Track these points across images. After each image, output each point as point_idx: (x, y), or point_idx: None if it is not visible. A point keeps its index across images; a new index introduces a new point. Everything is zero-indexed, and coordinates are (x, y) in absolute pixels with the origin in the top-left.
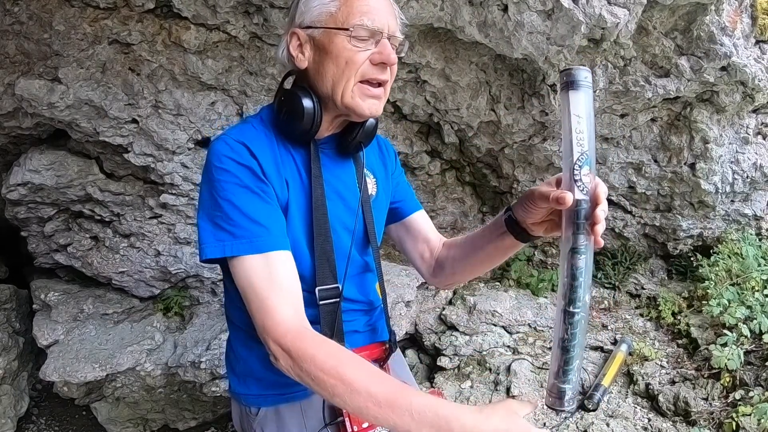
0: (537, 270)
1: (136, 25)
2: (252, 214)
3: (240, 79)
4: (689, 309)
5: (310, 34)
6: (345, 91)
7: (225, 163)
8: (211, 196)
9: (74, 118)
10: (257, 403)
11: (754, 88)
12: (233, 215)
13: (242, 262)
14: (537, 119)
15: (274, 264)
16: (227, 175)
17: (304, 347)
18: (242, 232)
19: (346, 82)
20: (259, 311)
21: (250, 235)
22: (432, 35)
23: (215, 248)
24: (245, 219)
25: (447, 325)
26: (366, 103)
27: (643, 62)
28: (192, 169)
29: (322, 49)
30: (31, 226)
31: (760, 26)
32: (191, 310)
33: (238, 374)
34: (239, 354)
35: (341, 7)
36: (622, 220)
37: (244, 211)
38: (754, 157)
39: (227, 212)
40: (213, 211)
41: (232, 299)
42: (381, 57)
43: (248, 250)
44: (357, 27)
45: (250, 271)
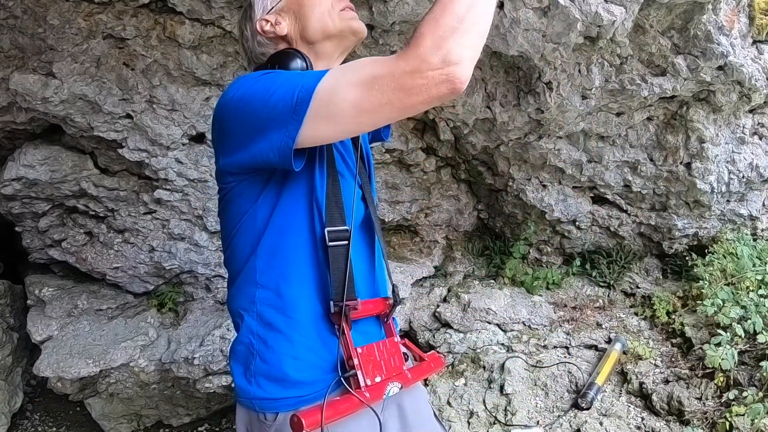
0: (532, 268)
1: (130, 20)
2: (294, 72)
3: (235, 75)
4: (684, 308)
5: (276, 10)
6: (333, 19)
7: (241, 80)
8: (251, 98)
9: (68, 113)
10: (274, 407)
11: (750, 88)
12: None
13: (327, 85)
14: (533, 117)
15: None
16: (251, 78)
17: (427, 36)
18: (300, 78)
19: (330, 13)
20: (389, 65)
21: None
22: None
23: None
24: (293, 76)
25: (441, 323)
26: (356, 23)
27: (640, 61)
28: (186, 165)
29: (296, 7)
30: (26, 221)
31: (757, 26)
32: (185, 306)
33: (252, 374)
34: (258, 350)
35: None
36: (618, 218)
37: (288, 75)
38: (750, 157)
39: (277, 83)
40: (267, 96)
41: (251, 272)
42: None
43: (317, 78)
44: None
45: (343, 76)
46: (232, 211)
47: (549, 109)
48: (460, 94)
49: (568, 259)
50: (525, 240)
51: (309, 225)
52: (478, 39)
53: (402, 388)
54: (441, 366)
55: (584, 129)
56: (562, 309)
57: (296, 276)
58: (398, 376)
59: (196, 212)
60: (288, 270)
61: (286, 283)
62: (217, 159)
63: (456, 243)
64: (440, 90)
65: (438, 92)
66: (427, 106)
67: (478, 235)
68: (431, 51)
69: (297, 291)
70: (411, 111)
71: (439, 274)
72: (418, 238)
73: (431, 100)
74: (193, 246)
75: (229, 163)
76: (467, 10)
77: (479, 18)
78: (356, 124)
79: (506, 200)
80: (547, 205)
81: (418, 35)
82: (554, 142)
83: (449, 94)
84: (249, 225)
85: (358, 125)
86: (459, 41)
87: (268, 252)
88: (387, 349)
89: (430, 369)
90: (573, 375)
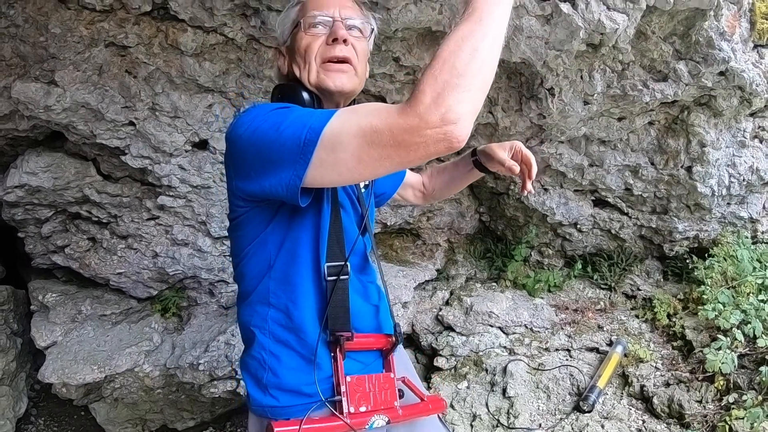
0: (534, 271)
1: (132, 27)
2: (303, 111)
3: (237, 82)
4: (684, 311)
5: (286, 45)
6: (311, 73)
7: (254, 110)
8: (262, 133)
9: (71, 121)
10: (285, 414)
11: (751, 92)
12: (291, 119)
13: (332, 130)
14: (534, 122)
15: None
16: (263, 111)
17: (427, 92)
18: (308, 118)
19: (309, 65)
20: (389, 120)
21: (319, 114)
22: (430, 38)
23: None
24: (302, 116)
25: (444, 326)
26: (330, 78)
27: (642, 66)
28: (189, 171)
29: (291, 49)
30: (29, 227)
31: (758, 31)
32: (189, 311)
33: (264, 386)
34: (268, 363)
35: (299, 12)
36: (619, 221)
37: (297, 113)
38: (751, 161)
39: (286, 121)
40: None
41: (264, 292)
42: (332, 35)
43: (324, 120)
44: (307, 17)
45: (347, 123)
46: (244, 234)
47: (551, 114)
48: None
49: (569, 261)
50: (526, 243)
51: (313, 257)
52: (478, 93)
53: (389, 422)
54: (441, 409)
55: (586, 134)
56: (564, 311)
57: (303, 302)
58: (387, 410)
59: (199, 218)
60: (296, 295)
61: (295, 307)
62: (230, 178)
63: (458, 246)
64: (438, 148)
65: (436, 149)
66: (426, 161)
67: (479, 237)
68: (430, 109)
69: (304, 315)
70: (409, 165)
71: (442, 277)
72: (420, 242)
73: (429, 156)
74: (197, 251)
75: (241, 188)
76: (466, 64)
77: (479, 72)
78: (358, 174)
79: (508, 203)
80: (548, 208)
81: (418, 91)
82: (556, 147)
83: (446, 151)
84: (261, 249)
85: (359, 175)
86: (458, 98)
87: (279, 276)
88: (380, 382)
89: (427, 410)
90: (575, 378)
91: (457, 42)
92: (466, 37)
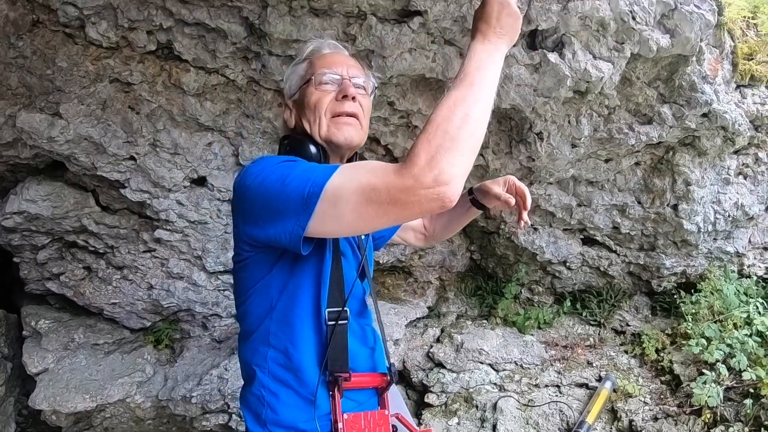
0: (524, 308)
1: (137, 65)
2: (307, 165)
3: (237, 122)
4: (672, 345)
5: (294, 99)
6: (321, 127)
7: (263, 162)
8: (270, 184)
9: (73, 153)
10: None
11: (734, 132)
12: (296, 174)
13: (334, 185)
14: (524, 164)
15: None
16: (272, 163)
17: (421, 155)
18: (312, 172)
19: (319, 120)
20: (387, 179)
21: (322, 169)
22: (424, 84)
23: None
24: (306, 170)
25: (434, 363)
26: (340, 132)
27: (627, 110)
28: (187, 207)
29: (300, 104)
30: (25, 252)
31: (740, 72)
32: (182, 343)
33: (264, 422)
34: (267, 400)
35: (308, 68)
36: (607, 259)
37: (302, 167)
38: (736, 197)
39: (291, 175)
40: (281, 187)
41: (265, 333)
42: (342, 92)
43: (327, 176)
44: (317, 75)
45: (348, 179)
46: (248, 276)
47: (540, 157)
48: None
49: (559, 298)
50: (517, 280)
51: (314, 302)
52: (469, 155)
53: None
54: None
55: (574, 175)
56: (554, 348)
57: (302, 344)
58: None
59: (195, 252)
60: (296, 337)
61: (294, 348)
62: (237, 224)
63: (449, 283)
64: (431, 206)
65: (429, 208)
66: (420, 217)
67: (471, 275)
68: (424, 171)
69: (303, 356)
70: (405, 221)
71: (433, 314)
72: (411, 279)
73: (423, 213)
74: (192, 285)
75: (247, 234)
76: (459, 128)
77: (471, 136)
78: (357, 228)
79: (498, 242)
80: (538, 247)
81: (413, 153)
82: (545, 188)
83: (439, 210)
84: (263, 291)
85: (358, 229)
86: (450, 161)
87: (280, 318)
88: (375, 419)
89: None
90: (564, 414)
91: (450, 107)
92: (459, 103)
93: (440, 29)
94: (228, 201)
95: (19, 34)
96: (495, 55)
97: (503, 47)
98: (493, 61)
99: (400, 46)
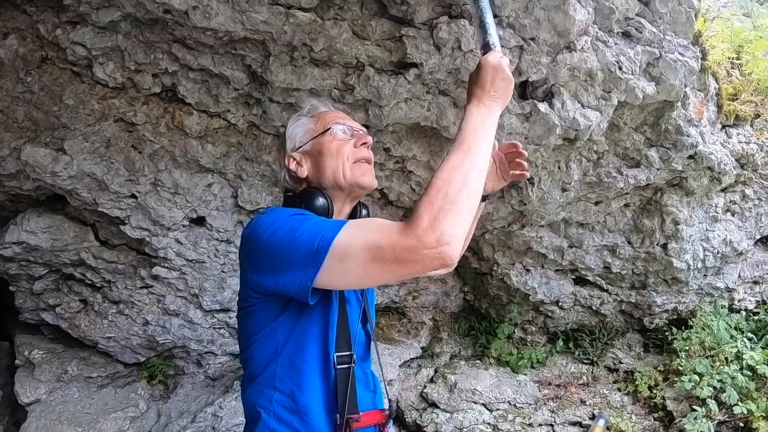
0: (517, 348)
1: (141, 106)
2: (317, 219)
3: (236, 164)
4: (665, 382)
5: (302, 151)
6: (345, 172)
7: (274, 214)
8: (281, 236)
9: (75, 188)
10: None
11: (720, 171)
12: (304, 229)
13: (342, 242)
14: (516, 208)
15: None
16: (283, 216)
17: (424, 217)
18: (322, 227)
19: (343, 166)
20: (392, 238)
21: (330, 225)
22: (419, 131)
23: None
24: (316, 224)
25: (428, 403)
26: (365, 176)
27: (615, 155)
28: (186, 246)
29: (317, 154)
30: (21, 282)
31: (725, 112)
32: (175, 380)
33: None
34: None
35: (317, 122)
36: (599, 298)
37: (312, 221)
38: (724, 234)
39: (298, 231)
40: (290, 244)
41: (270, 376)
42: (360, 140)
43: (335, 231)
44: (335, 126)
45: (355, 237)
46: (254, 321)
47: (531, 201)
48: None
49: (552, 337)
50: (510, 320)
51: (321, 347)
52: (468, 215)
53: None
54: None
55: (565, 218)
56: (547, 387)
57: (309, 387)
58: None
59: (192, 291)
60: (302, 381)
61: (300, 392)
62: (245, 271)
63: (443, 324)
64: (433, 264)
65: (431, 266)
66: (422, 274)
67: (464, 316)
68: (427, 232)
69: (309, 399)
70: (408, 277)
71: (426, 354)
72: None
73: (425, 270)
74: (187, 323)
75: (256, 282)
76: (458, 191)
77: (468, 198)
78: (363, 282)
79: (491, 283)
80: (530, 287)
81: (416, 215)
82: (536, 231)
83: (440, 268)
84: (270, 336)
85: (363, 284)
86: (451, 222)
87: (286, 363)
88: None
89: None
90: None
91: (450, 171)
92: (458, 166)
93: (435, 80)
94: (226, 241)
95: (27, 69)
96: (489, 119)
97: (497, 110)
98: (488, 125)
99: (397, 96)
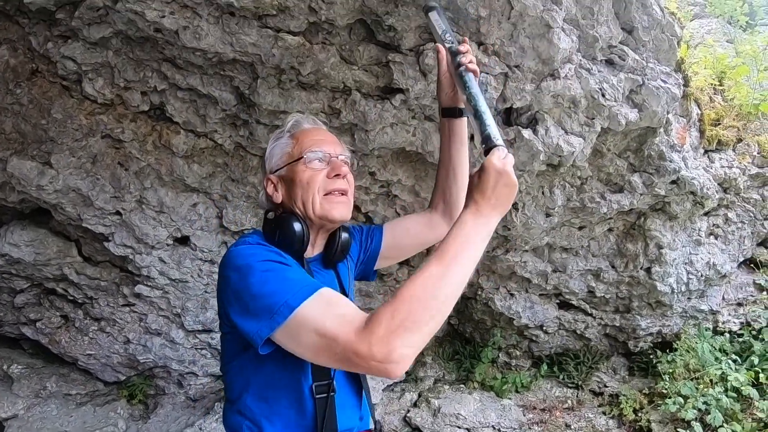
0: (501, 372)
1: (129, 123)
2: (289, 274)
3: (222, 185)
4: (650, 405)
5: (279, 174)
6: (314, 204)
7: (252, 250)
8: (249, 280)
9: (60, 202)
10: None
11: (703, 196)
12: (278, 279)
13: (300, 317)
14: (500, 233)
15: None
16: (258, 258)
17: (382, 325)
18: (290, 289)
19: (312, 198)
20: (348, 337)
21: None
22: (404, 156)
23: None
24: (285, 282)
25: (412, 427)
26: (335, 210)
27: (599, 180)
28: (169, 265)
29: (289, 181)
30: (2, 295)
31: (708, 137)
32: (155, 400)
33: None
34: None
35: (295, 146)
36: (583, 322)
37: (283, 276)
38: (707, 257)
39: (271, 279)
40: (259, 287)
41: (242, 405)
42: (334, 170)
43: (300, 300)
44: (308, 154)
45: (316, 317)
46: (229, 348)
47: (515, 226)
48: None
49: (536, 362)
50: (494, 345)
51: (294, 379)
52: (428, 335)
53: None
54: None
55: (549, 242)
56: (532, 411)
57: (279, 419)
58: None
59: (174, 310)
60: (272, 413)
61: (270, 424)
62: (219, 297)
63: (427, 348)
64: (377, 374)
65: (376, 373)
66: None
67: (448, 340)
68: (379, 344)
69: (278, 431)
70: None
71: (410, 378)
72: None
73: (371, 374)
74: (169, 342)
75: (225, 311)
76: (424, 309)
77: (432, 319)
78: (311, 361)
79: (476, 308)
80: (514, 312)
81: (375, 320)
82: (521, 255)
83: (383, 377)
84: (242, 365)
85: (312, 361)
86: (407, 341)
87: (256, 394)
88: None
89: None
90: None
91: (422, 284)
92: (433, 281)
93: (420, 106)
94: (210, 261)
95: (17, 81)
96: (484, 231)
97: (495, 220)
98: (482, 238)
99: (383, 121)
